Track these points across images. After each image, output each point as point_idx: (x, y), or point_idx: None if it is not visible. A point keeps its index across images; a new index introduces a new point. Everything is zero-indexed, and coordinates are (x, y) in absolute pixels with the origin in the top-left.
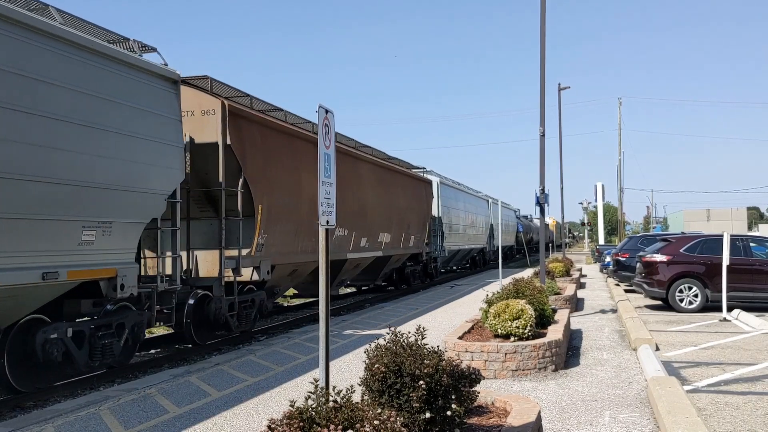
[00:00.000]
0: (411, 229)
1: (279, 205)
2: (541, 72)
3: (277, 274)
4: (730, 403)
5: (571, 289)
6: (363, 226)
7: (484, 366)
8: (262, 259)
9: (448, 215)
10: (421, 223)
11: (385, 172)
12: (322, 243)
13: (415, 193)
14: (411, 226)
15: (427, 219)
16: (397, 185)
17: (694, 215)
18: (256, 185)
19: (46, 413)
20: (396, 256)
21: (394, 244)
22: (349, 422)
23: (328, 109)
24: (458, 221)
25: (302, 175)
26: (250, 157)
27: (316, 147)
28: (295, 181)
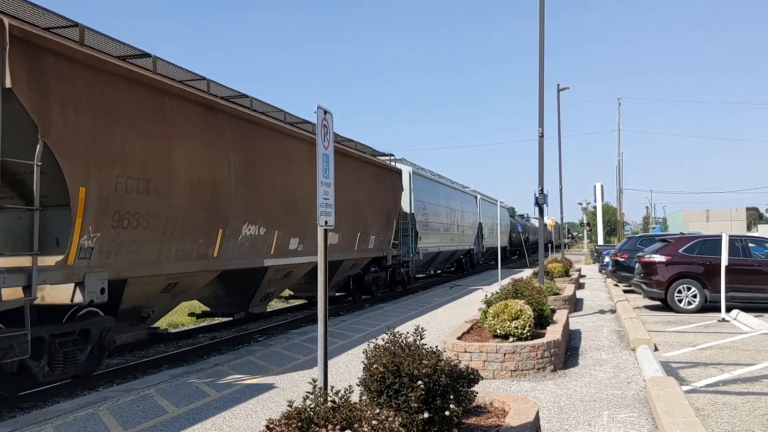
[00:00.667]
0: (370, 227)
1: (129, 190)
2: (540, 72)
3: (139, 290)
4: (729, 403)
5: (570, 290)
6: (292, 222)
7: (482, 366)
8: (90, 270)
9: (423, 212)
10: (384, 220)
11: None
12: (321, 243)
13: (376, 184)
14: (370, 224)
15: (393, 215)
16: (349, 173)
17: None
18: (72, 157)
19: (45, 413)
20: (349, 260)
21: (344, 245)
22: (348, 422)
23: (327, 109)
24: (437, 219)
25: (174, 147)
26: (61, 114)
27: (204, 111)
28: (162, 155)
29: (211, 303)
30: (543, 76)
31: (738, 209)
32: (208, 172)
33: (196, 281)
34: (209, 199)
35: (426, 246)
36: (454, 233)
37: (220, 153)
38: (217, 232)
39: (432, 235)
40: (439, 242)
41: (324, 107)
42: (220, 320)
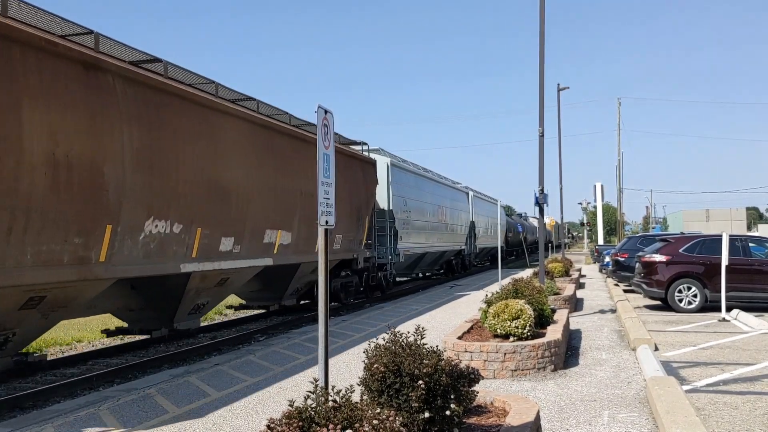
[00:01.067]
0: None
1: None
2: (540, 72)
3: None
4: (729, 402)
5: (571, 289)
6: (222, 218)
7: (483, 366)
8: None
9: (405, 208)
10: (354, 217)
11: (283, 140)
12: (322, 243)
13: (343, 175)
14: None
15: (366, 212)
16: (307, 160)
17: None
18: None
19: (46, 413)
20: (309, 264)
21: (301, 246)
22: (349, 422)
23: (327, 109)
24: (422, 216)
25: (26, 111)
26: None
27: (85, 71)
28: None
29: (128, 317)
30: (543, 76)
31: (738, 209)
32: (88, 148)
33: (78, 294)
34: (88, 185)
35: (408, 246)
36: (443, 232)
37: (108, 125)
38: (104, 228)
39: (415, 234)
40: (424, 242)
41: (324, 107)
42: (138, 338)
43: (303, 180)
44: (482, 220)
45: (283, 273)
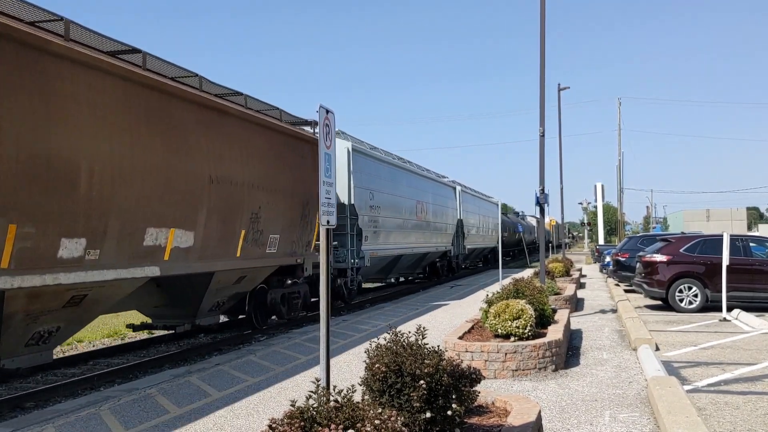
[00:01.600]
0: (268, 222)
1: None
2: (540, 72)
3: None
4: (730, 402)
5: (571, 289)
6: (63, 211)
7: (484, 366)
8: None
9: (372, 203)
10: (297, 213)
11: (186, 110)
12: (323, 243)
13: (281, 159)
14: (268, 218)
15: (317, 207)
16: (224, 137)
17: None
18: None
19: (47, 413)
20: (228, 273)
21: (213, 251)
22: (350, 422)
23: (329, 109)
24: (396, 213)
25: None
26: None
27: None
28: None
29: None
30: (544, 76)
31: (738, 209)
32: None
33: None
34: None
35: (378, 248)
36: (424, 231)
37: None
38: None
39: (387, 233)
40: (400, 243)
41: (326, 106)
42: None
43: (215, 162)
44: (473, 219)
45: (193, 285)
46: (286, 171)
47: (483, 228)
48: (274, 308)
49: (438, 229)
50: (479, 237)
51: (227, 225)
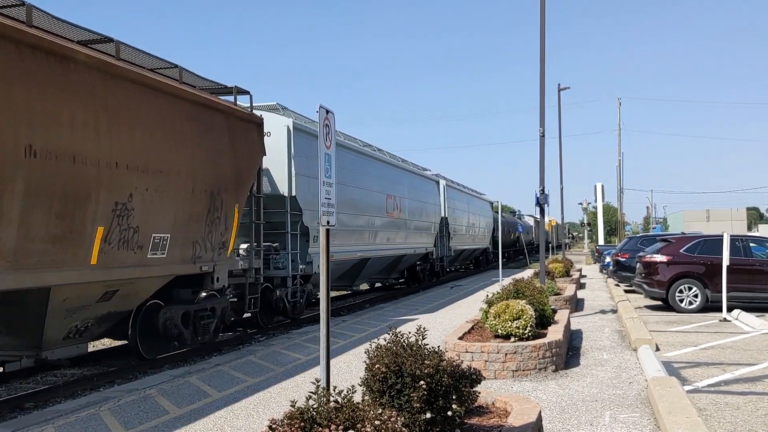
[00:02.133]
0: (149, 218)
1: None
2: (540, 72)
3: None
4: (731, 403)
5: (571, 290)
6: None
7: (484, 366)
8: None
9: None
10: (204, 205)
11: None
12: (323, 243)
13: (174, 132)
14: (148, 213)
15: (233, 198)
16: (70, 95)
17: (694, 215)
18: None
19: (47, 414)
20: (73, 287)
21: (39, 256)
22: (351, 422)
23: (329, 109)
24: (359, 209)
25: None
26: None
27: None
28: None
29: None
30: (544, 75)
31: (738, 209)
32: None
33: None
34: None
35: (332, 250)
36: (398, 231)
37: None
38: None
39: (346, 233)
40: (366, 244)
41: (326, 107)
42: None
43: (42, 127)
44: (461, 217)
45: (20, 305)
46: (185, 149)
47: (474, 227)
48: (168, 331)
49: (418, 228)
50: (469, 237)
51: (67, 220)
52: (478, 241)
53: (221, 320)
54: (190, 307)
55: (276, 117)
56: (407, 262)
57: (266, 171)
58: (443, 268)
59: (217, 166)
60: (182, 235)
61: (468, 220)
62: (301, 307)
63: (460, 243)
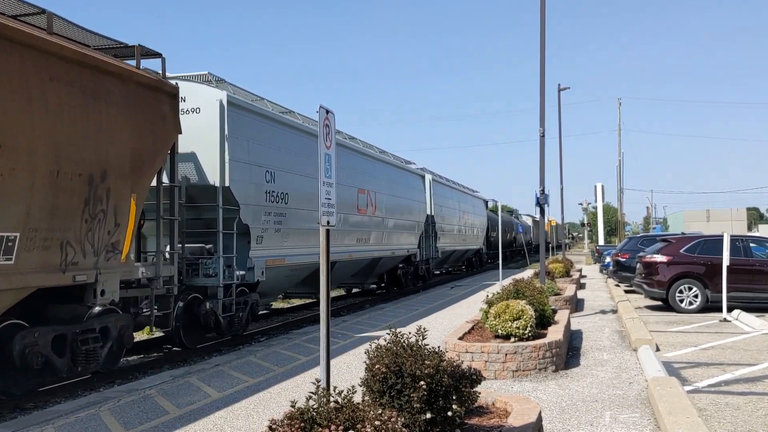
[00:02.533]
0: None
1: None
2: (540, 72)
3: None
4: (731, 403)
5: (571, 290)
6: None
7: (484, 366)
8: None
9: (268, 187)
10: (70, 196)
11: None
12: (323, 243)
13: (46, 98)
14: None
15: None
16: None
17: (694, 216)
18: None
19: (47, 414)
20: None
21: None
22: (351, 422)
23: (329, 109)
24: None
25: None
26: None
27: None
28: None
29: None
30: (544, 75)
31: (739, 209)
32: None
33: None
34: None
35: (285, 253)
36: (373, 230)
37: None
38: None
39: (301, 233)
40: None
41: (326, 107)
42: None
43: None
44: (451, 215)
45: None
46: (44, 119)
47: (465, 227)
48: (27, 362)
49: (398, 227)
50: (461, 237)
51: None
52: (470, 242)
53: (119, 344)
54: (66, 329)
55: (206, 90)
56: (386, 265)
57: (192, 156)
58: (429, 270)
59: (103, 144)
60: (42, 234)
61: (459, 219)
62: (241, 321)
63: (449, 243)
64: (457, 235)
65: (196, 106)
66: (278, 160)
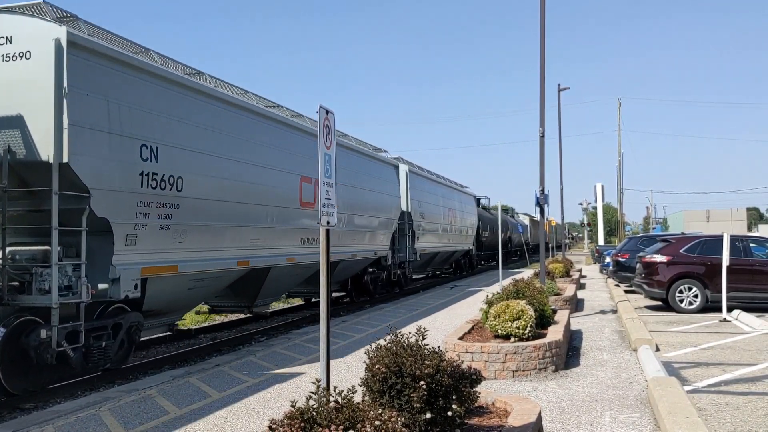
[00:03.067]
0: None
1: None
2: (540, 73)
3: None
4: (731, 403)
5: (571, 290)
6: None
7: (484, 366)
8: None
9: (145, 169)
10: None
11: None
12: (323, 243)
13: None
14: None
15: None
16: None
17: (694, 216)
18: None
19: (46, 414)
20: None
21: None
22: (351, 422)
23: (329, 109)
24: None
25: None
26: None
27: None
28: None
29: None
30: (544, 77)
31: (738, 209)
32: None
33: None
34: None
35: (164, 259)
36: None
37: None
38: None
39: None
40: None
41: (326, 107)
42: None
43: None
44: (433, 212)
45: None
46: None
47: (452, 225)
48: None
49: (362, 226)
50: (444, 236)
51: None
52: (456, 242)
53: None
54: None
55: (36, 25)
56: (348, 270)
57: (18, 120)
58: (406, 275)
59: None
60: None
61: (443, 217)
62: (107, 354)
63: (430, 244)
64: (441, 235)
65: (24, 49)
66: (167, 133)
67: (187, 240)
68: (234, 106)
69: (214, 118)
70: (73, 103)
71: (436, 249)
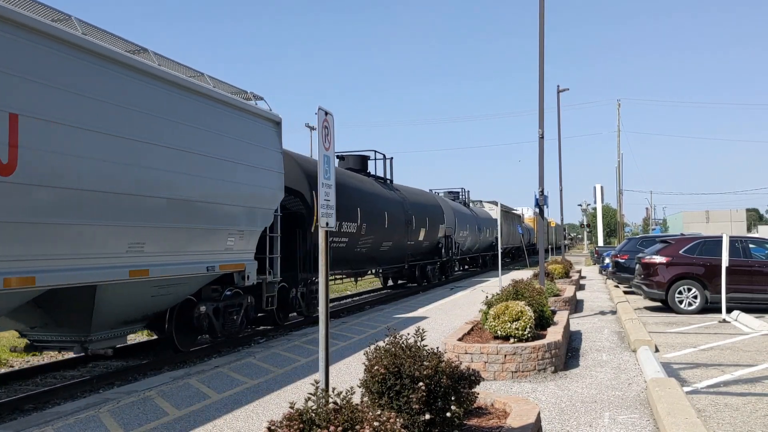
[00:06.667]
0: None
1: None
2: (540, 74)
3: None
4: (730, 404)
5: (571, 291)
6: None
7: (483, 367)
8: None
9: None
10: None
11: None
12: (322, 243)
13: None
14: None
15: None
16: None
17: (694, 217)
18: None
19: (46, 415)
20: None
21: None
22: (349, 423)
23: (328, 111)
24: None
25: None
26: None
27: None
28: None
29: None
30: (543, 78)
31: (738, 210)
32: None
33: None
34: None
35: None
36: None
37: None
38: None
39: None
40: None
41: (325, 108)
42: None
43: None
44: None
45: None
46: None
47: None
48: None
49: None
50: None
51: None
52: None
53: None
54: None
55: None
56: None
57: None
58: (295, 300)
59: None
60: None
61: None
62: None
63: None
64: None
65: None
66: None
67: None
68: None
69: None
70: None
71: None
